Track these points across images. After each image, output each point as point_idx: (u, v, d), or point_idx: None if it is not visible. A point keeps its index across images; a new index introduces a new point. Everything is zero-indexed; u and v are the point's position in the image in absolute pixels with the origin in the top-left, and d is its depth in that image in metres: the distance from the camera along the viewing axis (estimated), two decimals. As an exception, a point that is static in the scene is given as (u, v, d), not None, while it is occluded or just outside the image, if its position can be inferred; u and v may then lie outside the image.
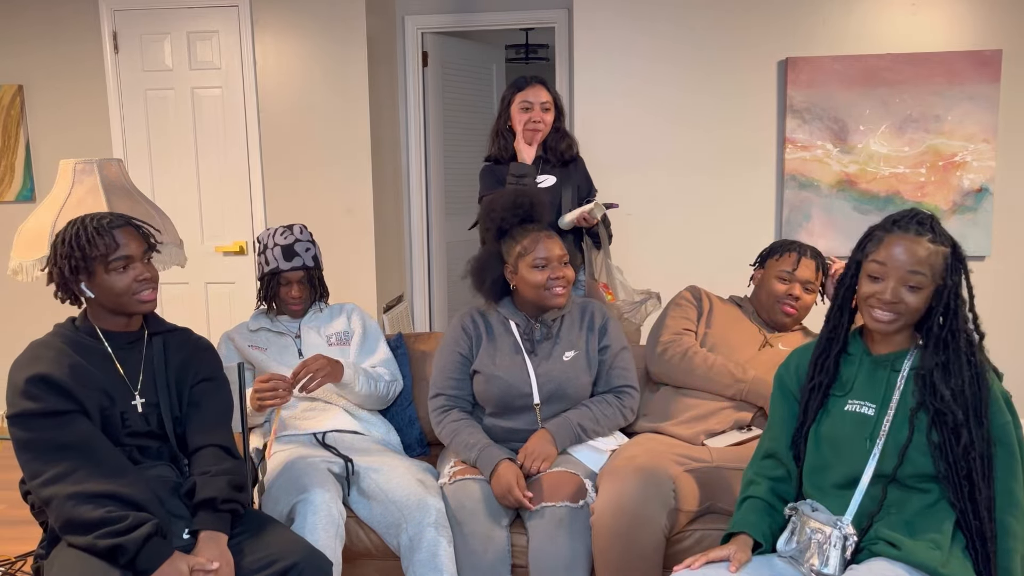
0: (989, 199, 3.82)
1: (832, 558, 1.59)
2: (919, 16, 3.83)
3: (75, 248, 1.80)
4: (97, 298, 1.84)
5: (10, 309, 4.43)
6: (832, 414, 1.71)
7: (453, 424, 2.28)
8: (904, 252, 1.61)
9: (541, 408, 2.27)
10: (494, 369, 2.29)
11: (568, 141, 2.98)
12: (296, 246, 2.50)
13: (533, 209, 2.34)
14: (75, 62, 4.25)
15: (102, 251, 1.80)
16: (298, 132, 4.17)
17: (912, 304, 1.62)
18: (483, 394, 2.31)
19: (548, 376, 2.27)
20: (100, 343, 1.86)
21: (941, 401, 1.58)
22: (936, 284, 1.62)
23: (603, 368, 2.35)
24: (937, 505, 1.60)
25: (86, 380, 1.77)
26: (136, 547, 1.62)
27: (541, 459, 2.17)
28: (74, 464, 1.68)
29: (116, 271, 1.81)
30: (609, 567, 2.01)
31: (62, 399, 1.72)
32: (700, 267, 4.04)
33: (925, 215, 1.65)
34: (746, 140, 3.99)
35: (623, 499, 2.01)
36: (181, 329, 2.01)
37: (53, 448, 1.69)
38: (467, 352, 2.35)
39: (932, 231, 1.62)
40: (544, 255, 2.26)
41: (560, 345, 2.32)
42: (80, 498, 1.65)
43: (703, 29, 3.94)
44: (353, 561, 2.22)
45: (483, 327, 2.37)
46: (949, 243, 1.63)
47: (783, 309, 2.40)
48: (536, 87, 2.90)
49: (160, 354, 1.92)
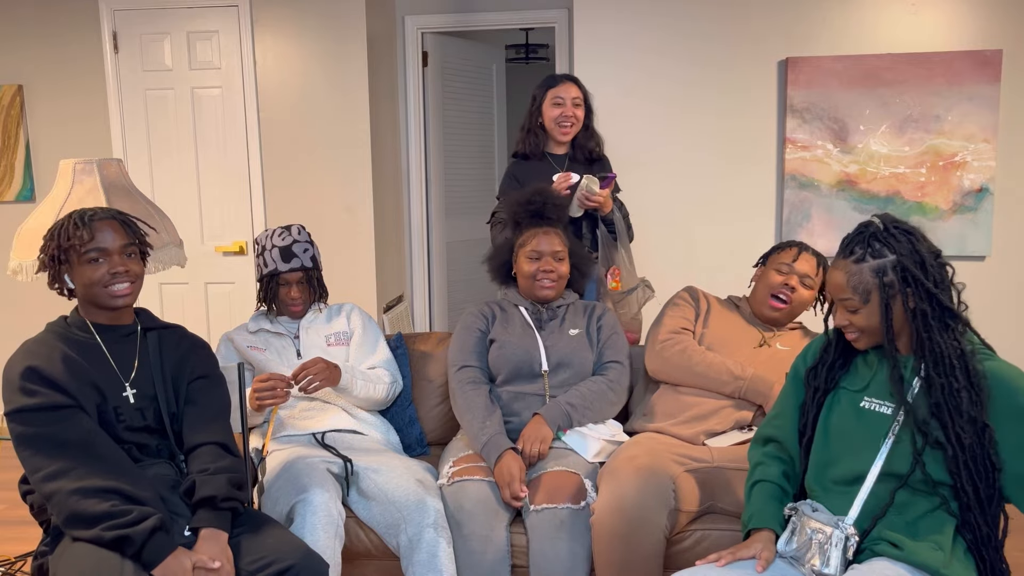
0: (989, 199, 3.82)
1: (833, 558, 1.59)
2: (919, 16, 3.83)
3: (56, 239, 1.85)
4: (76, 289, 1.87)
5: (10, 309, 4.43)
6: (845, 409, 1.71)
7: (477, 399, 2.33)
8: (831, 281, 1.67)
9: (549, 375, 2.38)
10: (508, 337, 2.44)
11: (596, 139, 3.05)
12: (294, 247, 2.50)
13: (545, 207, 2.54)
14: (75, 62, 4.25)
15: (75, 243, 1.83)
16: (298, 132, 4.17)
17: (862, 323, 1.64)
18: (496, 360, 2.43)
19: (555, 348, 2.42)
20: (91, 336, 1.87)
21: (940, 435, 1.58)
22: (879, 298, 1.61)
23: (597, 349, 2.48)
24: (940, 509, 1.59)
25: (78, 374, 1.78)
26: (142, 539, 1.63)
27: (539, 441, 2.23)
28: (75, 460, 1.69)
29: (89, 263, 1.83)
30: (610, 568, 2.01)
31: (58, 393, 1.73)
32: (700, 267, 4.04)
33: (860, 232, 1.65)
34: (746, 140, 3.99)
35: (623, 500, 2.01)
36: (175, 326, 2.02)
37: (54, 444, 1.70)
38: (485, 329, 2.50)
39: (864, 247, 1.62)
40: (537, 249, 2.46)
41: (566, 324, 2.48)
42: (83, 493, 1.65)
43: (703, 29, 3.94)
44: (353, 561, 2.22)
45: (498, 310, 2.55)
46: (893, 252, 1.60)
47: (772, 303, 2.39)
48: (567, 84, 2.96)
49: (155, 350, 1.93)
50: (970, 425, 1.55)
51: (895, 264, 1.60)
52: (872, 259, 1.61)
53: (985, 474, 1.55)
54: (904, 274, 1.59)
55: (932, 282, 1.59)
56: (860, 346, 1.70)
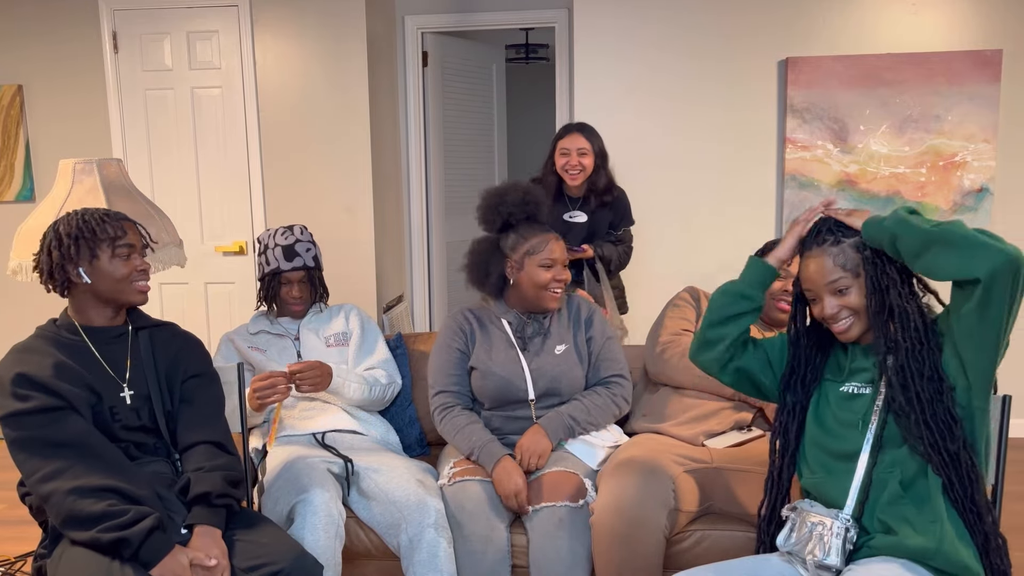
0: (989, 199, 3.82)
1: (833, 548, 1.60)
2: (919, 16, 3.83)
3: (83, 230, 1.84)
4: (93, 284, 1.85)
5: (10, 309, 4.43)
6: (830, 400, 1.74)
7: (454, 420, 2.29)
8: (811, 272, 1.71)
9: (536, 404, 2.30)
10: (490, 365, 2.31)
11: (607, 184, 3.23)
12: (297, 246, 2.50)
13: (539, 209, 2.38)
14: (75, 62, 4.25)
15: (111, 234, 1.85)
16: (298, 132, 4.17)
17: (855, 302, 1.67)
18: (480, 390, 2.34)
19: (541, 372, 2.31)
20: (81, 340, 1.87)
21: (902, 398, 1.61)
22: (866, 270, 1.66)
23: (591, 360, 2.38)
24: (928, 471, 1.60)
25: (70, 377, 1.78)
26: (139, 540, 1.63)
27: (537, 455, 2.19)
28: (71, 460, 1.69)
29: (121, 257, 1.85)
30: (609, 568, 2.01)
31: (49, 396, 1.73)
32: (699, 266, 4.04)
33: (823, 223, 1.72)
34: (746, 140, 3.99)
35: (623, 500, 2.01)
36: (167, 324, 2.02)
37: (48, 445, 1.70)
38: (464, 348, 2.37)
39: (832, 233, 1.70)
40: (552, 256, 2.31)
41: (551, 339, 2.36)
42: (80, 492, 1.65)
43: (703, 29, 3.94)
44: (353, 561, 2.22)
45: (476, 324, 2.40)
46: (852, 233, 1.68)
47: (779, 306, 2.38)
48: (574, 134, 3.19)
49: (147, 348, 1.93)
50: (930, 383, 1.59)
51: (861, 241, 1.67)
52: (846, 239, 1.68)
53: (948, 431, 1.57)
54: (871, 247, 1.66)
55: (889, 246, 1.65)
56: (851, 335, 1.69)
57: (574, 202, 3.28)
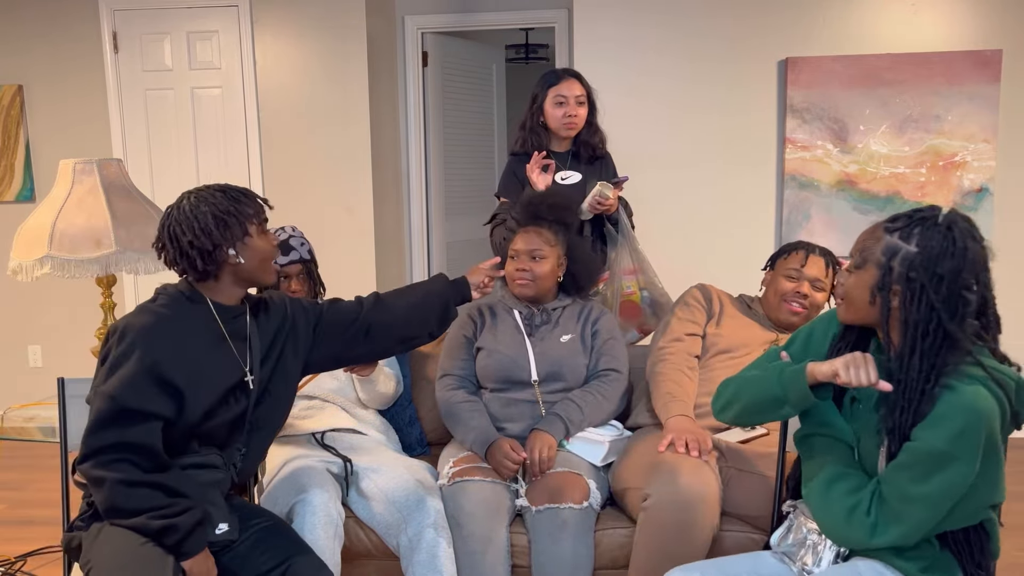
0: (989, 199, 3.82)
1: (825, 560, 1.59)
2: (919, 16, 3.83)
3: (228, 212, 1.74)
4: (246, 264, 1.77)
5: (10, 309, 4.43)
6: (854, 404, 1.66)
7: (457, 404, 2.33)
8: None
9: (540, 385, 2.33)
10: (496, 345, 2.38)
11: (600, 136, 2.93)
12: (291, 241, 2.52)
13: (567, 212, 2.44)
14: (75, 62, 4.25)
15: (254, 211, 1.79)
16: (298, 132, 4.17)
17: (848, 288, 1.55)
18: (484, 369, 2.38)
19: (545, 356, 2.34)
20: (214, 321, 1.76)
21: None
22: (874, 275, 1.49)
23: (593, 355, 2.40)
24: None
25: (200, 376, 1.70)
26: (187, 529, 1.64)
27: (546, 447, 2.18)
28: (133, 456, 1.64)
29: (266, 233, 1.81)
30: (651, 560, 1.96)
31: (165, 403, 1.66)
32: (700, 266, 4.03)
33: (919, 211, 1.51)
34: (746, 140, 3.99)
35: (680, 491, 1.96)
36: (263, 298, 1.90)
37: (120, 437, 1.63)
38: (471, 334, 2.44)
39: (905, 222, 1.49)
40: (515, 247, 2.38)
41: (558, 329, 2.40)
42: (132, 484, 1.63)
43: (703, 29, 3.94)
44: (352, 561, 2.22)
45: (488, 313, 2.47)
46: (919, 247, 1.46)
47: (790, 308, 2.34)
48: (570, 80, 2.84)
49: (264, 331, 1.85)
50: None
51: (908, 257, 1.45)
52: (898, 239, 1.47)
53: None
54: (910, 274, 1.44)
55: (941, 300, 1.45)
56: (841, 314, 1.59)
57: (562, 158, 2.87)
